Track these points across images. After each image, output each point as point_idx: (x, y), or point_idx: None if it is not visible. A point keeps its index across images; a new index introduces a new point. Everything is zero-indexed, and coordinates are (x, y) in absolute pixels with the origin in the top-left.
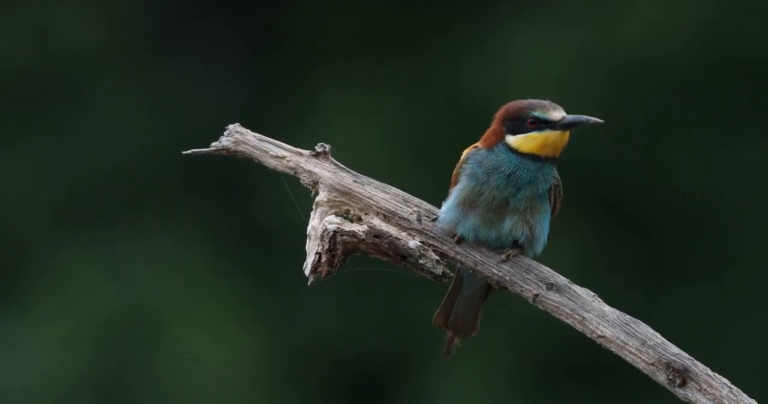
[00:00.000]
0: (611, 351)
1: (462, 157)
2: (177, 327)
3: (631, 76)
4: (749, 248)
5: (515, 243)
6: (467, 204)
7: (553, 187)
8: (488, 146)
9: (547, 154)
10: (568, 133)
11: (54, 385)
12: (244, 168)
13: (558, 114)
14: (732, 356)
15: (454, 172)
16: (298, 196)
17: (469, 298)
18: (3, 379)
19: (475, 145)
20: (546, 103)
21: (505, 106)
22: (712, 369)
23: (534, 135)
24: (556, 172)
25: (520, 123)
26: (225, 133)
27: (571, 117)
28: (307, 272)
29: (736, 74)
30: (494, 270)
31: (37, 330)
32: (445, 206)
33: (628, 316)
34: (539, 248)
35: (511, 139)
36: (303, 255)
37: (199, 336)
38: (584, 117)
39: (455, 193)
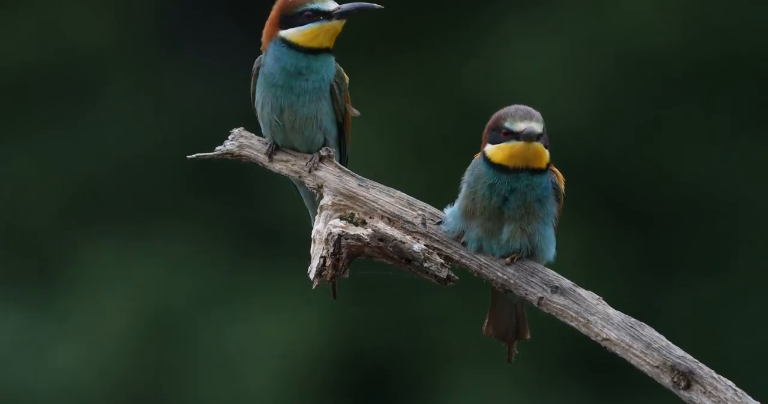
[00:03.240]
0: (616, 354)
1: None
2: (196, 325)
3: (632, 69)
4: (754, 241)
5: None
6: (468, 214)
7: (553, 190)
8: (481, 152)
9: (516, 164)
10: (537, 145)
11: (79, 386)
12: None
13: (523, 125)
14: (736, 350)
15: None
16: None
17: (517, 305)
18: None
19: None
20: (520, 112)
21: (495, 114)
22: (717, 363)
23: (503, 145)
24: (556, 175)
25: (498, 133)
26: (229, 137)
27: (529, 129)
28: (311, 276)
29: (738, 66)
30: (499, 274)
31: (62, 330)
32: (449, 211)
33: (633, 319)
34: (548, 257)
35: (488, 148)
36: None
37: (216, 334)
38: (534, 131)
39: (457, 202)
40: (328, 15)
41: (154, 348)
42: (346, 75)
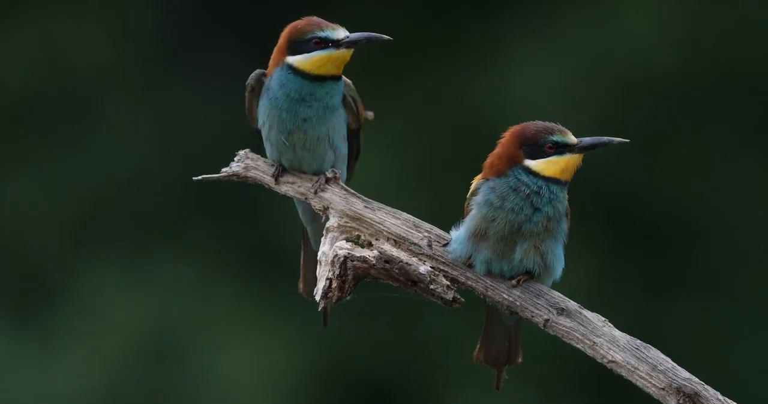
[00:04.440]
0: (622, 376)
1: (471, 188)
2: (195, 347)
3: (634, 89)
4: (759, 260)
5: (529, 274)
6: (478, 235)
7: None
8: (499, 172)
9: (567, 177)
10: (582, 155)
11: None
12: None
13: (573, 137)
14: (740, 370)
15: (466, 203)
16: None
17: (511, 328)
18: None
19: (481, 176)
20: (561, 126)
21: (518, 130)
22: (720, 383)
23: (555, 159)
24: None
25: (538, 147)
26: (235, 159)
27: (588, 139)
28: (317, 297)
29: (739, 86)
30: (505, 296)
31: (59, 352)
32: (455, 235)
33: (639, 341)
34: (556, 276)
35: (532, 163)
36: (313, 276)
37: (217, 357)
38: (605, 138)
39: (466, 224)
40: (336, 43)
41: (155, 369)
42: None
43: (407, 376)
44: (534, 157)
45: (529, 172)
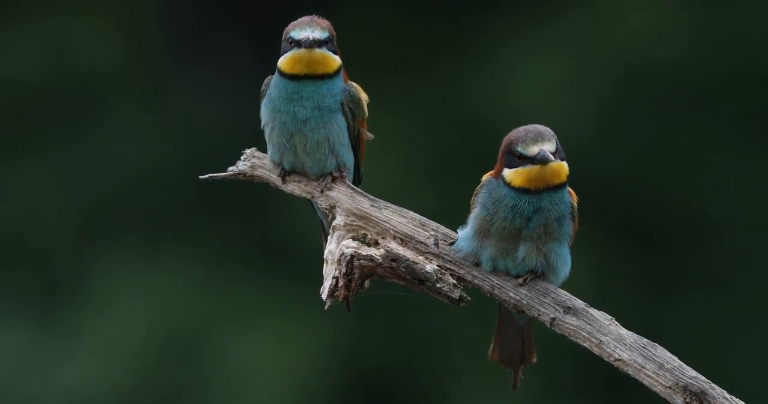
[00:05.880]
0: (628, 375)
1: (480, 183)
2: (205, 343)
3: (636, 87)
4: (759, 258)
5: (534, 273)
6: (482, 233)
7: (572, 209)
8: (496, 176)
9: (537, 186)
10: (553, 165)
11: (89, 402)
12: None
13: (536, 148)
14: (743, 368)
15: (472, 199)
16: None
17: (523, 328)
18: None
19: (491, 172)
20: (531, 135)
21: (507, 136)
22: (723, 381)
23: (521, 170)
24: (570, 194)
25: (512, 157)
26: (242, 158)
27: (543, 153)
28: (324, 296)
29: (743, 83)
30: (511, 294)
31: (73, 347)
32: (462, 233)
33: (646, 339)
34: (562, 276)
35: (506, 173)
36: (320, 273)
37: (226, 352)
38: (547, 154)
39: (471, 222)
40: (297, 43)
41: (163, 365)
42: (364, 96)
43: (410, 371)
44: (510, 167)
45: (504, 181)
